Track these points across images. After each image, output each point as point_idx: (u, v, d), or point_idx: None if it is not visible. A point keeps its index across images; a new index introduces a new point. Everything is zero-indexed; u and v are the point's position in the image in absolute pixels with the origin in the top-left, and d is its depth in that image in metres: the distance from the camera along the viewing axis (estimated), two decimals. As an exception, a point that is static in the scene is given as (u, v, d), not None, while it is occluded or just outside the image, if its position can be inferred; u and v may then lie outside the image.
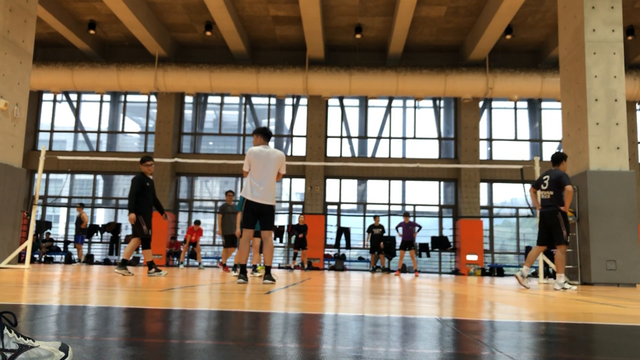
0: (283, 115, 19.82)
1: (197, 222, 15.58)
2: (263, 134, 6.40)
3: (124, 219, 20.91)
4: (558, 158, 7.23)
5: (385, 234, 15.98)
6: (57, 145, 20.10)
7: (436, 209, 19.03)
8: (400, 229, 13.70)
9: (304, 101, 19.27)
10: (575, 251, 9.54)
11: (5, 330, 1.25)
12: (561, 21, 10.75)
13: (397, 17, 14.87)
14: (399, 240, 14.44)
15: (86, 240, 17.33)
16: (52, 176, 19.78)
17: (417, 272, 13.80)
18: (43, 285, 4.61)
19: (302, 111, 19.30)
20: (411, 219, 14.17)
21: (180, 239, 18.70)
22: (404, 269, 16.52)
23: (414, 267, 13.84)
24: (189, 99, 19.72)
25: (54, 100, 20.01)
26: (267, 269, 6.30)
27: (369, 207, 19.18)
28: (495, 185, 18.98)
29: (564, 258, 6.97)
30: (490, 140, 19.12)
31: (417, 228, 13.70)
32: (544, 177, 7.15)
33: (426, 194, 19.06)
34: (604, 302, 4.41)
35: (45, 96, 19.95)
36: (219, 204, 19.60)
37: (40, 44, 18.05)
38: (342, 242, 17.93)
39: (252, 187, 6.21)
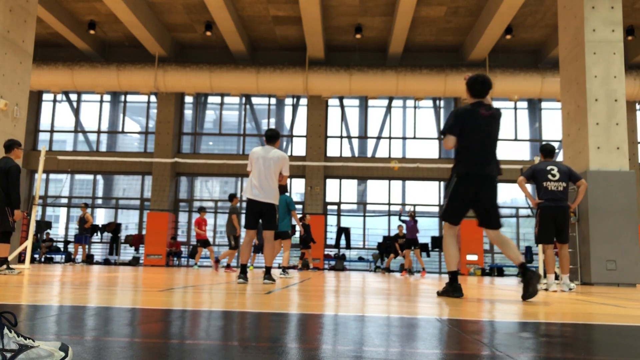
0: (283, 115, 19.82)
1: (202, 210, 14.75)
2: (265, 136, 6.51)
3: (124, 218, 20.91)
4: (552, 150, 6.73)
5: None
6: (57, 145, 20.10)
7: (436, 209, 19.02)
8: (404, 225, 13.62)
9: (304, 101, 19.27)
10: (575, 251, 9.53)
11: (5, 330, 1.25)
12: (561, 21, 10.75)
13: (397, 17, 14.87)
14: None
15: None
16: (52, 176, 19.78)
17: (424, 271, 13.70)
18: (43, 285, 4.61)
19: (302, 111, 19.30)
20: (416, 218, 14.01)
21: (180, 238, 18.70)
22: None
23: (421, 266, 13.77)
24: (189, 99, 19.72)
25: (54, 100, 20.01)
26: (267, 269, 6.32)
27: (369, 207, 19.17)
28: (495, 185, 18.94)
29: (569, 257, 6.78)
30: (490, 140, 19.08)
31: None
32: (550, 168, 6.51)
33: (426, 194, 19.06)
34: (604, 302, 4.41)
35: (45, 96, 19.94)
36: (219, 204, 19.62)
37: (40, 44, 18.04)
38: (342, 242, 17.93)
39: (251, 186, 6.27)
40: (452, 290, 4.43)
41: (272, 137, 6.46)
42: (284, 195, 9.13)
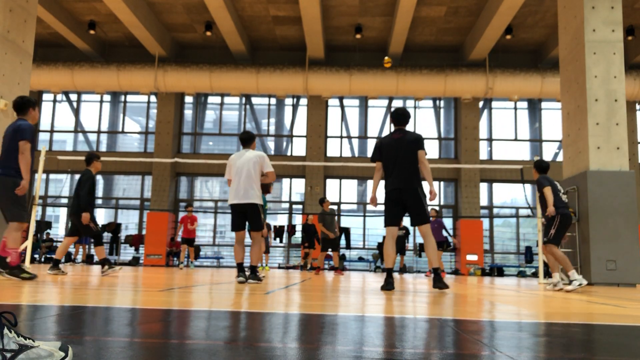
0: (283, 115, 19.82)
1: (189, 206, 14.47)
2: (240, 139, 6.60)
3: (124, 218, 20.90)
4: (548, 167, 6.97)
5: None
6: (57, 145, 20.09)
7: (436, 209, 19.00)
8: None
9: (304, 101, 19.27)
10: (575, 251, 9.53)
11: (5, 330, 1.25)
12: (561, 21, 10.75)
13: (397, 17, 14.87)
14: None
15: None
16: (52, 176, 19.78)
17: (443, 272, 13.68)
18: (43, 285, 4.61)
19: (302, 111, 19.30)
20: (439, 219, 13.70)
21: (180, 239, 18.68)
22: (404, 269, 16.48)
23: (440, 267, 13.72)
24: (189, 99, 19.71)
25: (54, 100, 20.00)
26: (253, 269, 6.36)
27: (369, 207, 19.16)
28: (495, 185, 18.98)
29: None
30: (490, 140, 19.12)
31: (444, 231, 13.34)
32: (557, 185, 6.84)
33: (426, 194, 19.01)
34: (604, 302, 4.41)
35: (45, 96, 19.94)
36: (219, 204, 19.62)
37: (40, 44, 18.04)
38: (342, 242, 17.91)
39: (234, 191, 6.35)
40: (385, 284, 5.30)
41: (248, 140, 6.53)
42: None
